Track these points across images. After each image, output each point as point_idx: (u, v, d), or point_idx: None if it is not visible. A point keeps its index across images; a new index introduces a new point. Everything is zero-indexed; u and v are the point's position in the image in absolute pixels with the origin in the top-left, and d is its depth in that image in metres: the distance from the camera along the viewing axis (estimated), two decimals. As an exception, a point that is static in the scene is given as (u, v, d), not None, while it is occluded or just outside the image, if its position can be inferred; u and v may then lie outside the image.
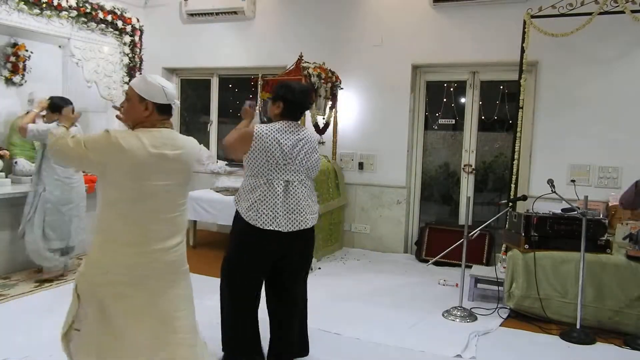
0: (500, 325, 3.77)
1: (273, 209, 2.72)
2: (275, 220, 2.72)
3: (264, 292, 2.98)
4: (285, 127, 2.79)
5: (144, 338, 2.01)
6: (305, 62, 5.37)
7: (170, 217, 2.08)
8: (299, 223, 2.78)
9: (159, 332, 2.03)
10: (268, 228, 2.71)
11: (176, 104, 2.16)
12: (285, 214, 2.74)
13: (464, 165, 5.77)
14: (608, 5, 4.29)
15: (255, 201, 2.71)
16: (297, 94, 2.82)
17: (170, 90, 2.13)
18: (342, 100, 5.94)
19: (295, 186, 2.79)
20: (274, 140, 2.72)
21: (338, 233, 5.94)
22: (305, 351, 3.09)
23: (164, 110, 2.12)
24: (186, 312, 2.13)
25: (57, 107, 4.26)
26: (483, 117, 5.72)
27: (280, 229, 2.72)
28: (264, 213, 2.71)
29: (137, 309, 2.02)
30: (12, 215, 4.60)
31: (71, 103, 4.32)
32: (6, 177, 4.74)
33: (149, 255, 2.02)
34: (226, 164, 6.36)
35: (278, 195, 2.73)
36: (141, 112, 2.08)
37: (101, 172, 2.01)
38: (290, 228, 2.75)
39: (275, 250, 2.80)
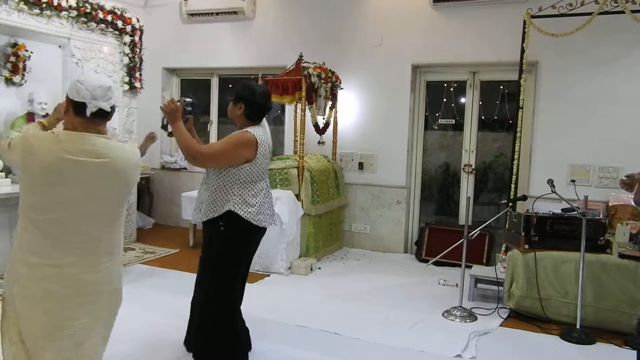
0: (500, 325, 3.77)
1: (271, 207, 2.91)
2: (271, 217, 2.91)
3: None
4: (264, 131, 2.91)
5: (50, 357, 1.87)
6: (305, 62, 5.37)
7: (93, 232, 1.88)
8: (274, 217, 3.00)
9: (65, 354, 1.90)
10: (268, 226, 2.89)
11: (93, 105, 1.86)
12: (272, 210, 2.96)
13: (464, 165, 5.77)
14: (608, 5, 4.29)
15: (261, 204, 2.81)
16: (258, 95, 2.85)
17: (85, 86, 1.85)
18: (342, 100, 5.94)
19: (269, 184, 2.99)
20: (267, 144, 2.85)
21: (338, 233, 5.94)
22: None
23: (79, 110, 1.86)
24: (98, 339, 1.98)
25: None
26: (483, 117, 5.73)
27: (266, 225, 2.90)
28: (267, 214, 2.87)
29: (45, 327, 1.86)
30: (12, 215, 4.60)
31: None
32: (6, 177, 4.74)
33: (59, 270, 1.84)
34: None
35: (270, 194, 2.93)
36: (63, 109, 1.93)
37: (19, 174, 1.90)
38: (271, 222, 2.93)
39: (256, 245, 2.97)
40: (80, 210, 1.85)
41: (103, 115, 1.90)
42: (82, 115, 1.86)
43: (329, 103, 5.74)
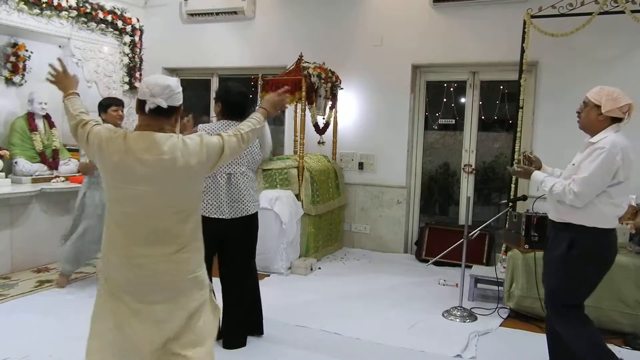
0: (500, 325, 3.77)
1: (217, 199, 3.07)
2: (219, 209, 3.08)
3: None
4: (225, 125, 3.08)
5: (136, 342, 1.98)
6: (305, 62, 5.37)
7: (158, 224, 1.96)
8: (241, 210, 3.14)
9: (151, 341, 1.98)
10: (212, 216, 3.04)
11: (151, 102, 1.92)
12: (228, 203, 3.10)
13: (464, 165, 5.77)
14: (608, 5, 4.29)
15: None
16: (232, 94, 3.16)
17: (145, 84, 1.95)
18: (342, 100, 5.94)
19: (237, 178, 3.12)
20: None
21: (338, 233, 5.94)
22: (259, 331, 3.38)
23: (141, 108, 1.96)
24: (182, 332, 2.01)
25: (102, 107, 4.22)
26: (483, 117, 5.73)
27: (223, 217, 3.08)
28: (208, 203, 3.05)
29: (127, 314, 1.98)
30: (13, 214, 4.60)
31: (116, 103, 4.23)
32: (6, 177, 4.74)
33: (133, 260, 1.95)
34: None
35: (221, 187, 3.08)
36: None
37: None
38: (232, 215, 3.11)
39: (217, 234, 3.05)
40: (147, 205, 1.94)
41: (162, 113, 1.95)
42: (143, 112, 1.95)
43: (329, 103, 5.75)
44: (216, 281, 3.06)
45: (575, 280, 2.66)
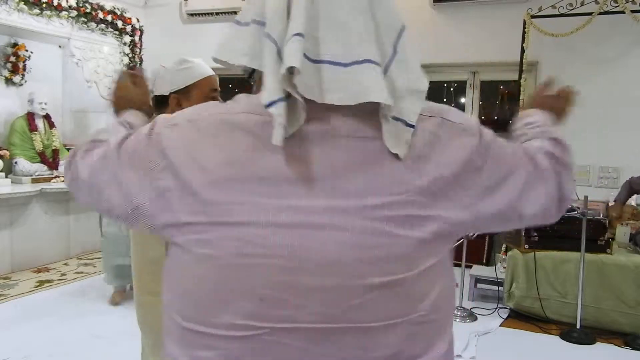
0: (500, 325, 3.77)
1: None
2: None
3: None
4: None
5: None
6: (305, 62, 5.37)
7: None
8: None
9: None
10: None
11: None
12: None
13: (464, 165, 5.76)
14: (608, 5, 4.29)
15: None
16: None
17: None
18: (342, 100, 5.94)
19: None
20: None
21: (338, 233, 5.93)
22: None
23: None
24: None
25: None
26: (483, 117, 5.72)
27: None
28: None
29: None
30: (13, 214, 4.60)
31: None
32: (6, 177, 4.74)
33: None
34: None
35: None
36: None
37: None
38: None
39: None
40: None
41: None
42: None
43: (329, 103, 5.74)
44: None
45: None
